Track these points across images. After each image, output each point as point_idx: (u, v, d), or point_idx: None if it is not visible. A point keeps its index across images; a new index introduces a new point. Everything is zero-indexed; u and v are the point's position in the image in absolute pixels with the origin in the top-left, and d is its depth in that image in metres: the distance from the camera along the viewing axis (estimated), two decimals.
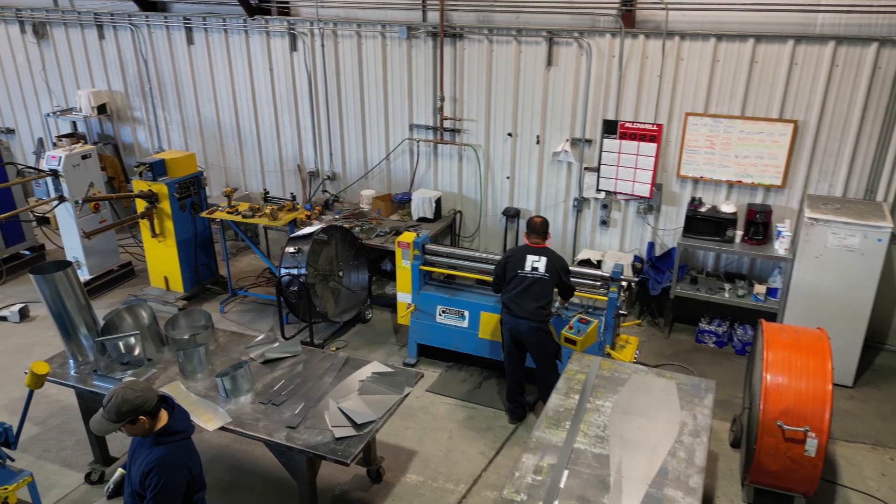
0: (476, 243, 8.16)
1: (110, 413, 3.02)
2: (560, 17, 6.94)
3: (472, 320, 6.13)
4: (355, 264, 7.19)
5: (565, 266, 5.42)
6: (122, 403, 3.02)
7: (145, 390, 3.12)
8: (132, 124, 9.80)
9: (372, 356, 6.63)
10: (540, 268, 5.27)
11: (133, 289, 8.00)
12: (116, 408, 3.02)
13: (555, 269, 5.27)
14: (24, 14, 9.61)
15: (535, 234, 5.41)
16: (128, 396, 3.03)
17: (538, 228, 5.42)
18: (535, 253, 5.34)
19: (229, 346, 5.00)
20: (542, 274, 5.27)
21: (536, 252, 5.34)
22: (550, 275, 5.26)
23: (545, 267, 5.27)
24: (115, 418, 3.02)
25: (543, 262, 5.28)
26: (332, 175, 8.70)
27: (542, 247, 5.38)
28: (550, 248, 5.41)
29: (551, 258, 5.31)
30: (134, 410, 3.03)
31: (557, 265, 5.29)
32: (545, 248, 5.38)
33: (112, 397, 3.04)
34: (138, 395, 3.06)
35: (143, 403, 3.06)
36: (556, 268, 5.27)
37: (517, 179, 7.67)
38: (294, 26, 8.12)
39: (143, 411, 3.07)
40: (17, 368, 6.37)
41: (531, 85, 7.21)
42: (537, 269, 5.28)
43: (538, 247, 5.38)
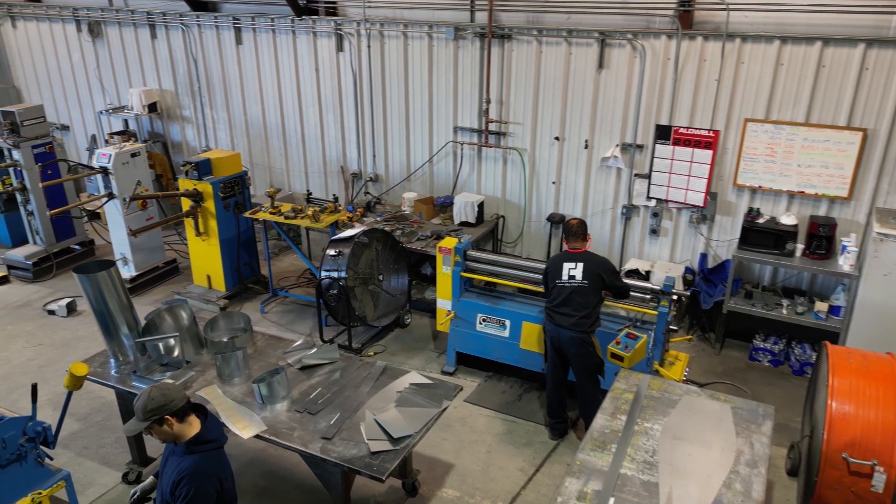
0: (519, 249, 7.96)
1: (137, 411, 3.00)
2: (613, 18, 6.69)
3: (514, 330, 5.95)
4: (395, 268, 7.09)
5: (609, 267, 5.17)
6: (147, 401, 2.99)
7: (173, 390, 3.08)
8: (181, 123, 9.93)
9: (410, 362, 6.52)
10: (577, 275, 5.05)
11: (177, 286, 8.08)
12: (143, 406, 2.99)
13: (594, 273, 5.03)
14: (81, 13, 9.85)
15: (574, 238, 5.19)
16: (154, 395, 3.01)
17: (575, 231, 5.19)
18: (571, 260, 5.11)
19: (267, 349, 4.94)
20: (579, 282, 5.04)
21: (573, 258, 5.11)
22: (590, 281, 5.03)
23: (583, 273, 5.04)
24: (140, 416, 2.99)
25: (580, 268, 5.05)
26: (374, 177, 8.63)
27: (580, 252, 5.14)
28: (590, 251, 5.19)
29: (589, 262, 5.07)
30: (159, 409, 2.99)
31: (598, 268, 5.06)
32: (583, 252, 5.14)
33: (140, 396, 3.02)
34: (165, 395, 3.02)
35: (168, 403, 3.01)
36: (595, 272, 5.04)
37: (563, 185, 7.44)
38: (341, 26, 8.08)
39: (169, 411, 3.01)
40: (62, 363, 6.47)
41: (581, 88, 6.98)
42: (574, 276, 5.06)
43: (576, 252, 5.15)
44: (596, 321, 5.12)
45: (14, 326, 7.16)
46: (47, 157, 8.18)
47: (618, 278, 5.20)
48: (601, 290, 5.09)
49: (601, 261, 5.16)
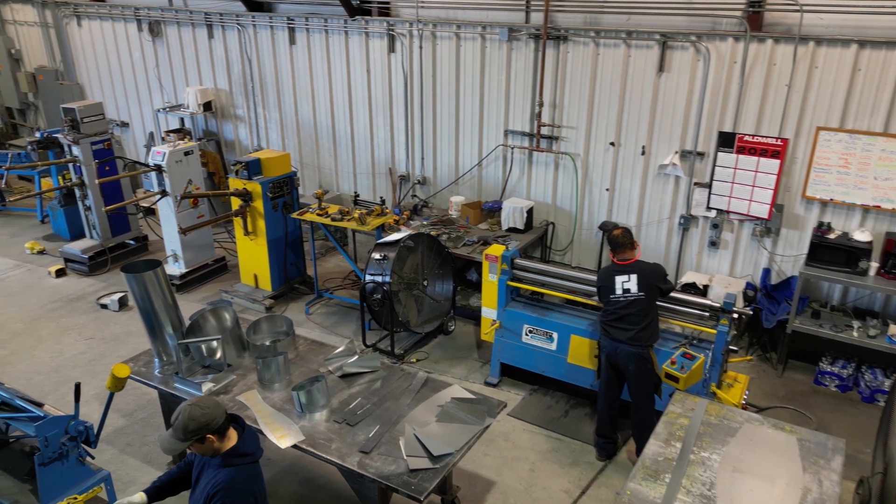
0: (568, 257, 7.71)
1: (178, 431, 2.89)
2: (676, 20, 6.38)
3: (562, 343, 5.72)
4: (440, 273, 6.94)
5: (661, 273, 4.91)
6: (188, 421, 2.88)
7: (213, 407, 2.97)
8: (234, 122, 10.05)
9: (452, 371, 6.37)
10: (632, 288, 4.79)
11: (224, 284, 8.14)
12: (183, 426, 2.88)
13: (650, 283, 4.77)
14: (142, 13, 10.07)
15: (620, 249, 4.91)
16: (194, 414, 2.89)
17: (621, 241, 4.91)
18: (623, 272, 4.85)
19: (309, 355, 4.86)
20: (635, 294, 4.78)
21: (624, 270, 4.85)
22: (647, 292, 4.77)
23: (638, 285, 4.78)
24: (182, 437, 2.89)
25: (634, 279, 4.79)
26: (422, 179, 8.51)
27: (630, 262, 4.87)
28: (641, 259, 4.92)
29: (643, 272, 4.81)
30: (201, 428, 2.89)
31: (652, 278, 4.80)
32: (635, 262, 4.87)
33: (179, 415, 2.91)
34: (205, 413, 2.91)
35: (211, 421, 2.92)
36: (651, 282, 4.78)
37: (617, 192, 7.16)
38: (393, 27, 7.99)
39: (211, 429, 2.92)
40: (111, 357, 6.58)
41: (639, 92, 6.69)
42: (629, 290, 4.80)
43: (626, 263, 4.88)
44: (654, 334, 4.87)
45: (68, 319, 7.33)
46: (105, 154, 8.38)
47: (668, 283, 4.95)
48: (657, 299, 4.83)
49: (653, 269, 4.91)
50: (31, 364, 6.47)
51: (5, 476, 4.03)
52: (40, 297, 7.81)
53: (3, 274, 8.43)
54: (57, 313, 7.47)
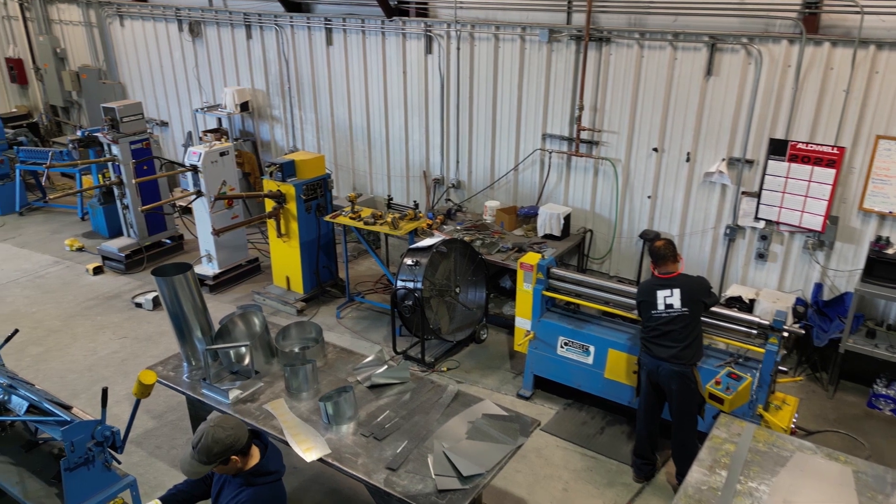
0: (606, 266, 7.47)
1: (201, 454, 2.78)
2: (726, 21, 6.10)
3: (599, 357, 5.50)
4: (473, 280, 6.78)
5: (706, 287, 4.66)
6: (213, 444, 2.77)
7: (236, 428, 2.86)
8: (270, 122, 10.05)
9: (484, 381, 6.20)
10: (675, 303, 4.54)
11: (257, 285, 8.12)
12: (207, 449, 2.77)
13: (694, 298, 4.52)
14: (183, 13, 10.15)
15: (662, 262, 4.66)
16: (218, 436, 2.78)
17: (664, 253, 4.65)
18: (665, 286, 4.59)
19: (338, 363, 4.76)
20: (678, 310, 4.53)
21: (667, 284, 4.60)
22: (690, 308, 4.52)
23: (681, 300, 4.53)
24: (206, 460, 2.78)
25: (677, 294, 4.54)
26: (456, 183, 8.36)
27: (672, 276, 4.62)
28: (684, 272, 4.66)
29: (686, 286, 4.55)
30: (226, 451, 2.79)
31: (696, 293, 4.54)
32: (678, 276, 4.62)
33: (202, 437, 2.80)
34: (229, 435, 2.80)
35: (235, 443, 2.81)
36: (695, 297, 4.52)
37: (660, 200, 6.89)
38: (431, 28, 7.86)
39: (235, 451, 2.82)
40: (144, 357, 6.59)
41: (685, 96, 6.42)
42: (672, 305, 4.55)
43: (668, 276, 4.63)
44: (699, 352, 4.62)
45: (103, 317, 7.39)
46: (144, 153, 8.45)
47: (712, 297, 4.69)
48: (702, 315, 4.58)
49: (698, 282, 4.65)
50: (66, 362, 6.53)
51: (33, 478, 4.02)
52: (77, 295, 7.91)
53: (43, 270, 8.57)
54: (93, 311, 7.54)
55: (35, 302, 7.74)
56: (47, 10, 12.24)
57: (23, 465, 4.11)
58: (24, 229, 9.93)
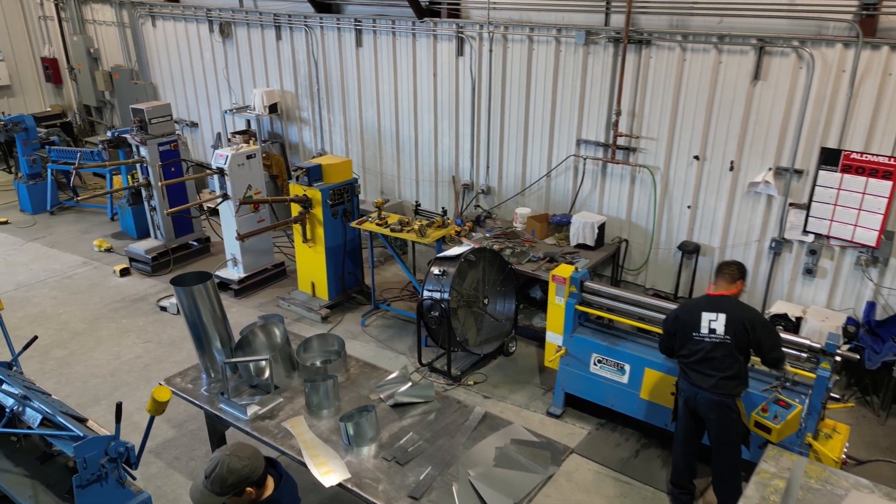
0: (642, 278, 7.16)
1: (214, 484, 2.60)
2: (775, 23, 5.76)
3: (634, 376, 5.22)
4: (502, 291, 6.54)
5: (759, 320, 4.23)
6: (227, 474, 2.59)
7: (253, 458, 2.68)
8: (299, 124, 9.95)
9: (512, 397, 5.96)
10: (718, 329, 4.21)
11: (282, 290, 8.00)
12: (221, 479, 2.59)
13: (740, 327, 4.15)
14: (214, 14, 10.11)
15: (719, 278, 4.34)
16: (234, 466, 2.60)
17: (723, 269, 4.34)
18: (712, 308, 4.25)
19: (360, 379, 4.57)
20: (720, 337, 4.20)
21: (714, 307, 4.25)
22: (734, 336, 4.17)
23: (725, 326, 4.19)
24: (219, 490, 2.60)
25: (722, 319, 4.20)
26: (486, 189, 8.13)
27: (723, 297, 4.27)
28: (735, 298, 4.31)
29: (734, 312, 4.19)
30: (240, 482, 2.61)
31: (744, 321, 4.15)
32: (727, 299, 4.27)
33: (217, 466, 2.62)
34: (246, 465, 2.62)
35: (251, 474, 2.63)
36: (741, 326, 4.15)
37: (700, 210, 6.57)
38: (463, 29, 7.64)
39: (251, 482, 2.63)
40: (167, 362, 6.51)
41: (730, 101, 6.09)
42: (715, 330, 4.21)
43: (719, 297, 4.28)
44: (742, 383, 4.29)
45: (128, 320, 7.34)
46: (172, 155, 8.40)
47: (771, 338, 4.21)
48: (749, 347, 4.24)
49: (748, 311, 4.27)
50: (89, 366, 6.47)
51: (47, 492, 3.91)
52: (103, 297, 7.88)
53: (72, 270, 8.58)
54: (118, 314, 7.49)
55: (62, 303, 7.73)
56: (81, 11, 12.35)
57: (37, 477, 4.00)
58: (55, 228, 9.99)
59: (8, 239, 9.56)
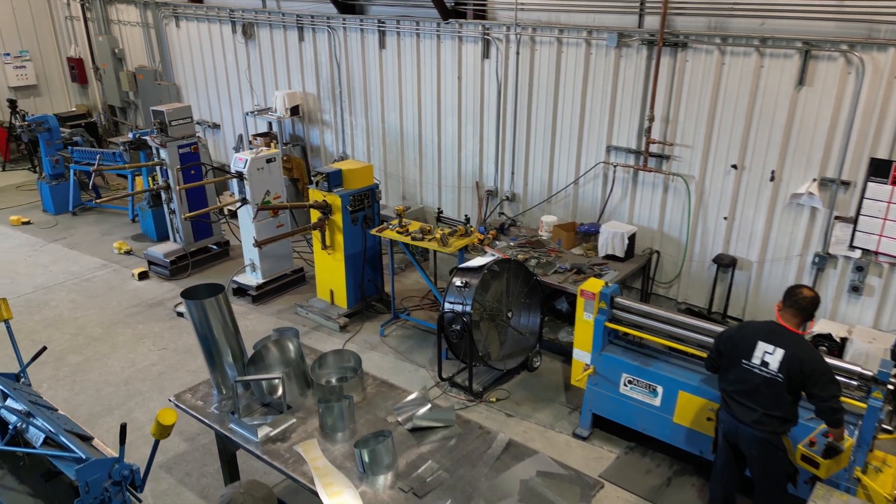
0: (674, 291, 6.84)
1: None
2: (822, 25, 5.41)
3: (667, 399, 4.92)
4: (527, 303, 6.27)
5: (819, 366, 3.76)
6: None
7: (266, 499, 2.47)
8: (321, 127, 9.78)
9: (536, 416, 5.70)
10: (772, 364, 3.85)
11: (300, 297, 7.83)
12: None
13: (796, 369, 3.77)
14: (237, 14, 9.99)
15: (792, 310, 3.88)
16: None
17: (800, 302, 3.85)
18: (771, 340, 3.88)
19: (377, 399, 4.34)
20: (772, 373, 3.85)
21: (774, 339, 3.87)
22: (787, 377, 3.79)
23: (780, 363, 3.82)
24: None
25: (779, 355, 3.83)
26: (511, 196, 7.87)
27: (787, 332, 3.87)
28: (801, 336, 3.91)
29: (794, 352, 3.79)
30: None
31: (802, 365, 3.76)
32: (792, 335, 3.86)
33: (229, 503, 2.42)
34: None
35: None
36: (797, 368, 3.76)
37: (737, 221, 6.23)
38: (489, 31, 7.39)
39: None
40: (181, 371, 6.37)
41: (771, 108, 5.75)
42: (767, 363, 3.86)
43: (783, 330, 3.88)
44: (791, 420, 3.94)
45: (144, 326, 7.22)
46: (192, 158, 8.27)
47: (828, 390, 3.74)
48: (801, 391, 3.88)
49: (809, 355, 3.81)
50: (103, 373, 6.35)
51: None
52: (121, 301, 7.78)
53: (90, 273, 8.50)
54: (135, 319, 7.38)
55: (79, 307, 7.64)
56: (107, 11, 12.35)
57: (41, 496, 3.84)
58: (76, 230, 9.96)
59: (29, 240, 9.54)
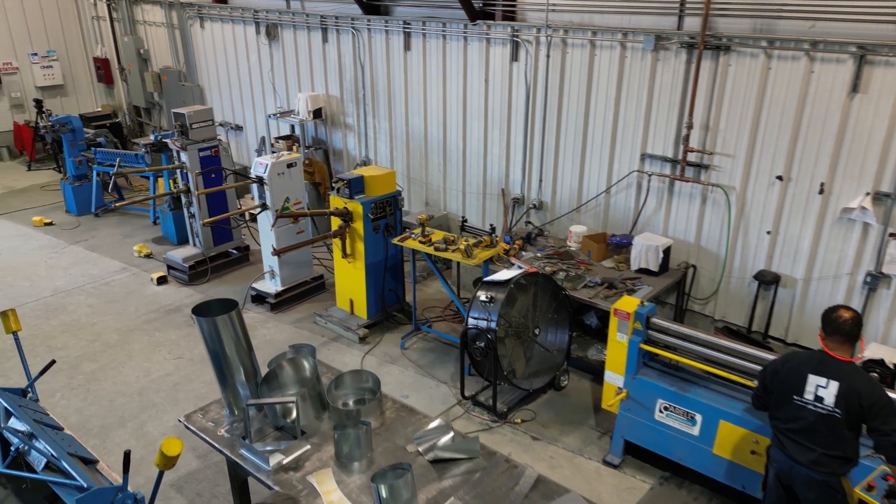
0: (710, 308, 6.48)
1: None
2: (878, 28, 5.03)
3: (707, 428, 4.59)
4: (555, 319, 5.97)
5: (880, 397, 3.42)
6: None
7: None
8: (343, 130, 9.57)
9: (563, 440, 5.40)
10: (827, 399, 3.51)
11: (319, 305, 7.62)
12: None
13: (855, 403, 3.43)
14: (261, 15, 9.84)
15: (837, 337, 3.53)
16: None
17: (842, 327, 3.51)
18: (823, 372, 3.53)
19: (396, 424, 4.09)
20: (828, 409, 3.51)
21: (826, 371, 3.53)
22: (845, 412, 3.46)
23: (836, 398, 3.48)
24: None
25: (833, 388, 3.48)
26: (538, 204, 7.56)
27: (840, 363, 3.54)
28: (854, 364, 3.59)
29: (851, 384, 3.46)
30: None
31: (861, 398, 3.42)
32: (845, 365, 3.53)
33: None
34: None
35: None
36: (856, 402, 3.43)
37: (782, 236, 5.86)
38: (518, 33, 7.10)
39: None
40: (196, 382, 6.19)
41: (821, 116, 5.38)
42: (823, 399, 3.52)
43: (835, 361, 3.53)
44: (851, 462, 3.60)
45: (161, 333, 7.07)
46: (212, 161, 8.12)
47: (889, 422, 3.39)
48: (862, 424, 3.56)
49: (870, 387, 3.45)
50: (117, 383, 6.20)
51: None
52: (139, 306, 7.64)
53: (110, 277, 8.40)
54: (151, 325, 7.23)
55: (97, 312, 7.52)
56: (133, 11, 12.31)
57: None
58: (98, 231, 9.89)
59: (51, 241, 9.49)
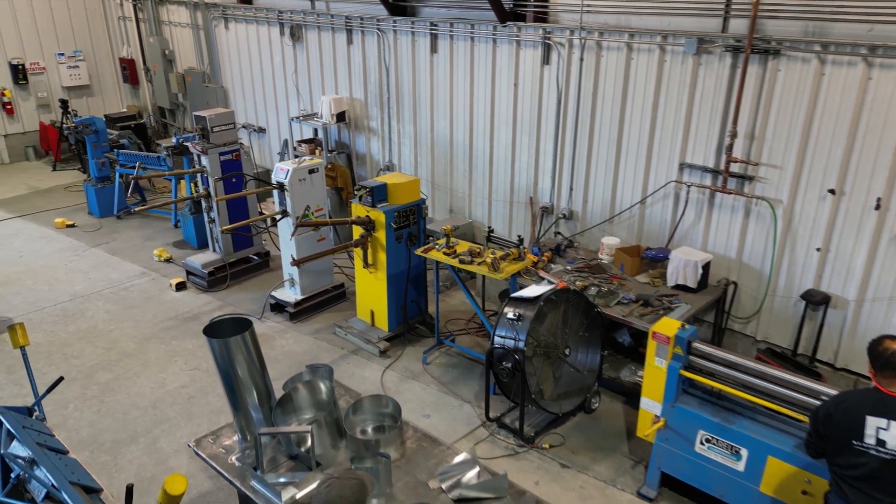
0: (752, 328, 6.10)
1: None
2: None
3: (753, 464, 4.24)
4: (586, 337, 5.65)
5: None
6: None
7: None
8: (367, 134, 9.34)
9: (594, 468, 5.08)
10: (890, 442, 3.16)
11: (339, 315, 7.39)
12: None
13: None
14: (285, 16, 9.66)
15: (888, 372, 3.23)
16: None
17: (888, 362, 3.20)
18: (882, 413, 3.19)
19: (417, 456, 3.82)
20: (893, 453, 3.16)
21: (885, 410, 3.19)
22: None
23: None
24: None
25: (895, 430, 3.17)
26: (568, 213, 7.24)
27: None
28: None
29: None
30: None
31: None
32: None
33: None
34: None
35: None
36: None
37: (833, 253, 5.47)
38: (550, 35, 6.79)
39: None
40: (211, 395, 5.99)
41: (880, 126, 4.99)
42: (885, 443, 3.17)
43: (892, 398, 3.21)
44: None
45: (178, 342, 6.89)
46: (233, 165, 7.94)
47: None
48: None
49: None
50: (131, 394, 6.03)
51: None
52: (157, 313, 7.49)
53: (129, 282, 8.27)
54: (169, 333, 7.06)
55: (114, 318, 7.38)
56: (158, 12, 12.24)
57: None
58: (119, 234, 9.79)
59: (72, 244, 9.41)
